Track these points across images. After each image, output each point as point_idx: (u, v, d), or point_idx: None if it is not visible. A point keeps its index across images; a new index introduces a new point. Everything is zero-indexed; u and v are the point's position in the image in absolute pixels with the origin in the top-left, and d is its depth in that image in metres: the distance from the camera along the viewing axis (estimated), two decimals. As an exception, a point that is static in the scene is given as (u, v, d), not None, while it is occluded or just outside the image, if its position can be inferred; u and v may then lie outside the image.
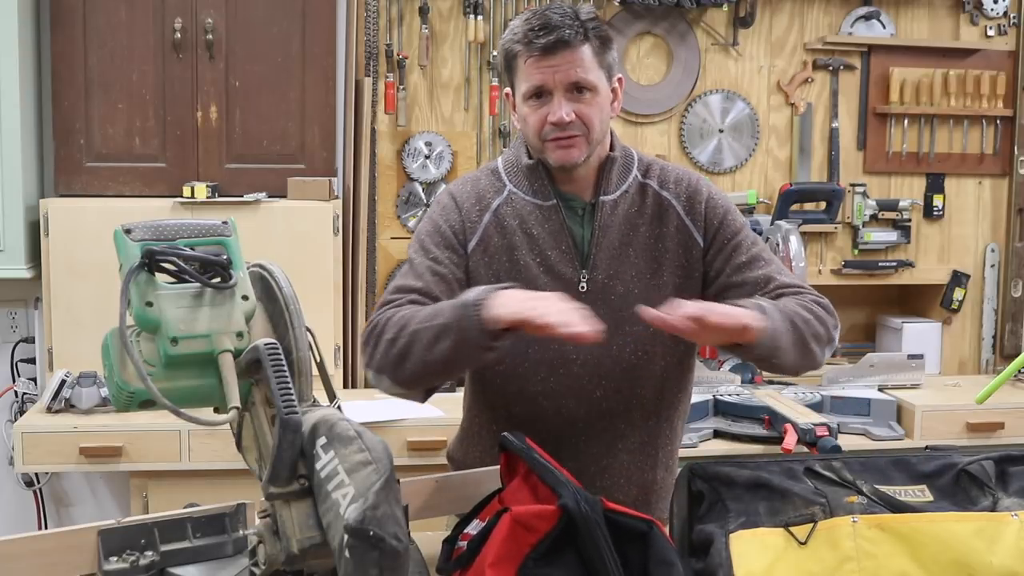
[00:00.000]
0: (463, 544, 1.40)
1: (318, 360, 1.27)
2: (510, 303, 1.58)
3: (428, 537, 1.56)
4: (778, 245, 3.30)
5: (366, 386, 3.53)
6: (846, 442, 3.07)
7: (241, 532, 1.32)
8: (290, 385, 1.12)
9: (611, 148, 1.88)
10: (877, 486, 1.51)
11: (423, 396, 1.79)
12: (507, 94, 1.89)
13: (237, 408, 1.14)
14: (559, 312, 1.54)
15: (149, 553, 1.27)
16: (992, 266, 4.00)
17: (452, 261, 1.82)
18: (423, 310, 1.70)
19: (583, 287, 1.82)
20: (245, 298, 1.20)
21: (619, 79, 1.86)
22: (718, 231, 1.87)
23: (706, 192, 1.89)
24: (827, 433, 2.97)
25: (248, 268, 1.24)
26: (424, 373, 1.70)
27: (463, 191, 1.88)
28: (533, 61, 1.76)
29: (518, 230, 1.84)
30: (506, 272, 1.82)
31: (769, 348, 1.66)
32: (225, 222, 1.24)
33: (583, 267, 1.83)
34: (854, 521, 1.43)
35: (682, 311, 1.55)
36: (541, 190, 1.85)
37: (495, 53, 3.61)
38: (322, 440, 1.12)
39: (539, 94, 1.78)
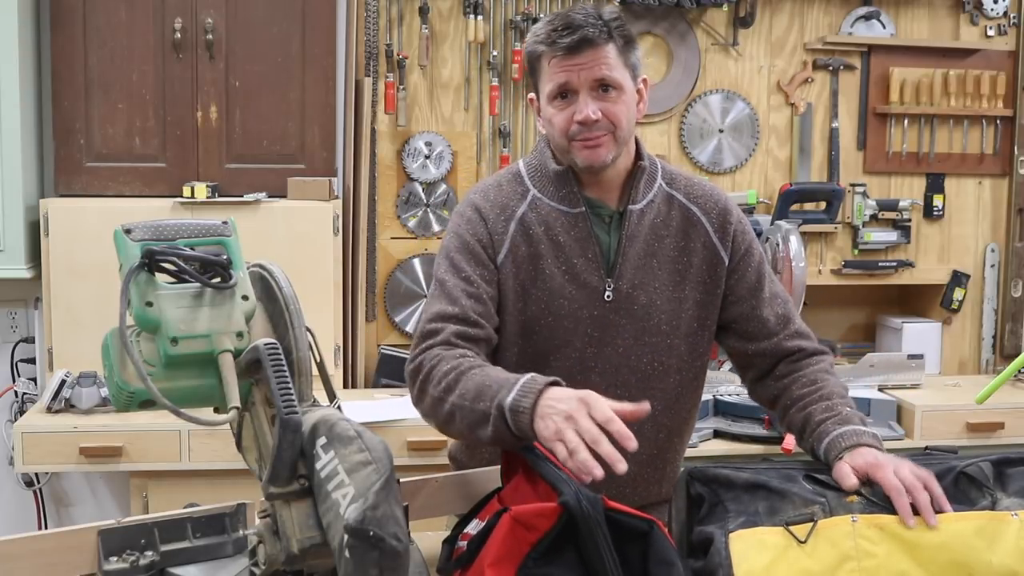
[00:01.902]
0: (463, 544, 1.40)
1: (318, 360, 1.27)
2: (549, 425, 1.46)
3: (428, 537, 1.56)
4: (778, 245, 3.30)
5: (366, 386, 3.53)
6: (846, 442, 3.06)
7: (241, 532, 1.32)
8: (290, 385, 1.12)
9: (639, 157, 1.86)
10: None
11: None
12: (531, 99, 1.86)
13: (237, 408, 1.14)
14: (591, 440, 1.41)
15: (149, 553, 1.27)
16: (992, 266, 4.00)
17: (483, 278, 1.78)
18: (468, 377, 1.62)
19: (608, 296, 1.81)
20: (245, 298, 1.20)
21: (644, 80, 1.84)
22: (743, 257, 1.87)
23: (736, 214, 1.90)
24: (827, 433, 2.96)
25: (248, 268, 1.24)
26: (467, 441, 1.76)
27: (486, 201, 1.84)
28: (557, 61, 1.74)
29: (544, 237, 1.81)
30: (531, 281, 1.80)
31: None
32: (225, 222, 1.24)
33: (608, 276, 1.81)
34: (854, 520, 1.44)
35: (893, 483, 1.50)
36: (569, 196, 1.82)
37: (495, 53, 3.61)
38: (322, 440, 1.12)
39: (564, 94, 1.76)
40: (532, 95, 1.86)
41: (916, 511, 1.45)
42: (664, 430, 1.88)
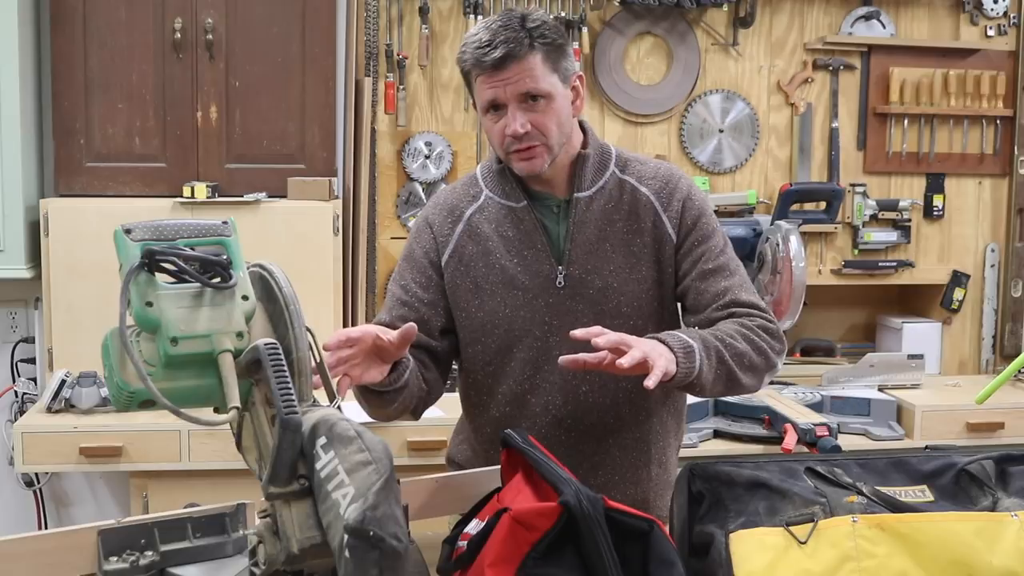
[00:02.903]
0: (463, 544, 1.40)
1: (318, 360, 1.27)
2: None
3: (428, 537, 1.56)
4: (778, 245, 3.30)
5: (366, 386, 3.53)
6: (846, 442, 3.07)
7: (241, 532, 1.32)
8: (290, 385, 1.12)
9: (585, 146, 1.89)
10: (877, 487, 1.52)
11: (411, 418, 1.88)
12: (474, 105, 1.91)
13: (237, 408, 1.14)
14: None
15: (149, 553, 1.27)
16: (992, 266, 4.00)
17: (420, 284, 1.88)
18: None
19: (560, 282, 1.85)
20: (245, 298, 1.20)
21: (579, 76, 1.86)
22: (691, 232, 1.88)
23: (685, 191, 1.89)
24: (827, 433, 2.97)
25: (248, 268, 1.24)
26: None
27: (436, 208, 1.94)
28: (484, 78, 1.79)
29: (493, 234, 1.87)
30: (483, 276, 1.87)
31: (687, 385, 1.68)
32: (225, 222, 1.24)
33: (559, 263, 1.85)
34: (854, 521, 1.44)
35: (604, 339, 1.57)
36: (512, 193, 1.88)
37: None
38: (322, 440, 1.12)
39: (495, 107, 1.81)
40: (473, 101, 1.91)
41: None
42: (643, 412, 1.90)
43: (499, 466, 1.57)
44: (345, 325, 3.46)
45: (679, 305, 1.92)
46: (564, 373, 1.85)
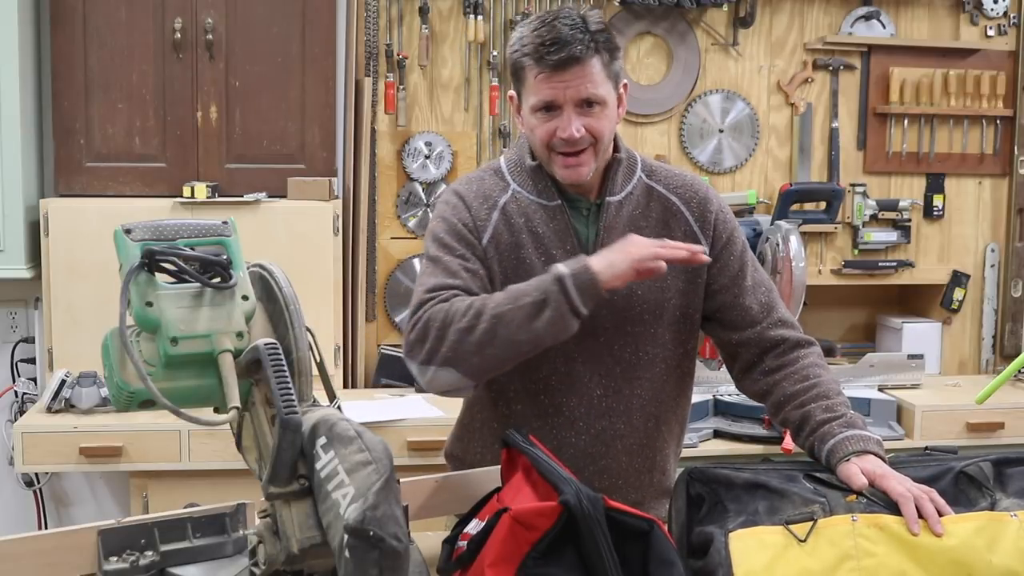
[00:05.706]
0: (463, 544, 1.40)
1: (318, 360, 1.27)
2: (617, 267, 1.64)
3: (428, 537, 1.56)
4: (778, 245, 3.30)
5: (366, 386, 3.53)
6: (846, 442, 3.06)
7: (241, 532, 1.32)
8: (290, 385, 1.12)
9: (616, 149, 1.87)
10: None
11: (475, 387, 1.78)
12: (511, 97, 1.87)
13: (237, 408, 1.14)
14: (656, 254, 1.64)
15: (149, 553, 1.28)
16: (992, 266, 4.00)
17: (477, 256, 1.81)
18: (492, 297, 1.69)
19: None
20: (245, 298, 1.20)
21: (624, 84, 1.85)
22: (726, 246, 1.88)
23: (716, 203, 1.90)
24: (827, 433, 2.96)
25: (248, 268, 1.24)
26: (507, 356, 1.69)
27: (468, 190, 1.87)
28: (544, 77, 1.75)
29: (524, 228, 1.83)
30: (512, 270, 1.82)
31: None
32: (225, 222, 1.24)
33: None
34: (854, 520, 1.44)
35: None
36: (546, 191, 1.85)
37: (495, 53, 3.61)
38: (322, 440, 1.12)
39: (548, 108, 1.77)
40: (513, 93, 1.87)
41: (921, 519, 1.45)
42: (652, 419, 1.89)
43: (499, 466, 1.57)
44: (345, 325, 3.46)
45: (701, 318, 1.91)
46: (581, 375, 1.84)
